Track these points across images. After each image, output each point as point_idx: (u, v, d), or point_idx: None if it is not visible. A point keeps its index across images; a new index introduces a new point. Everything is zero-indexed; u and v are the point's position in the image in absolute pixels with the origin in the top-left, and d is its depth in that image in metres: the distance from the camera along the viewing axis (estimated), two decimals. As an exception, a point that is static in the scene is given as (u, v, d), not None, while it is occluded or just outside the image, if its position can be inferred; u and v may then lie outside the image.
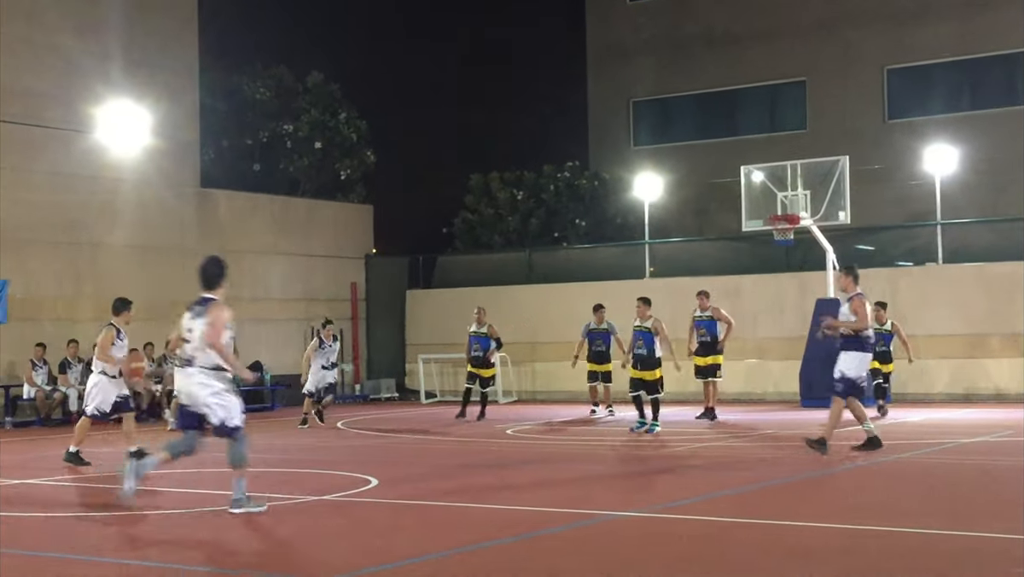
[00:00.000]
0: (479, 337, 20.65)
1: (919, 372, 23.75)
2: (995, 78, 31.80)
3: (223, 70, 30.40)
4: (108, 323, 14.48)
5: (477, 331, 20.74)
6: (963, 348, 23.45)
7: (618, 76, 36.22)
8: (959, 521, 9.13)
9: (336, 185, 31.63)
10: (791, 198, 22.45)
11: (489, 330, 20.71)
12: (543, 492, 11.34)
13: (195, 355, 9.93)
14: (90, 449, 15.35)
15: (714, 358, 19.80)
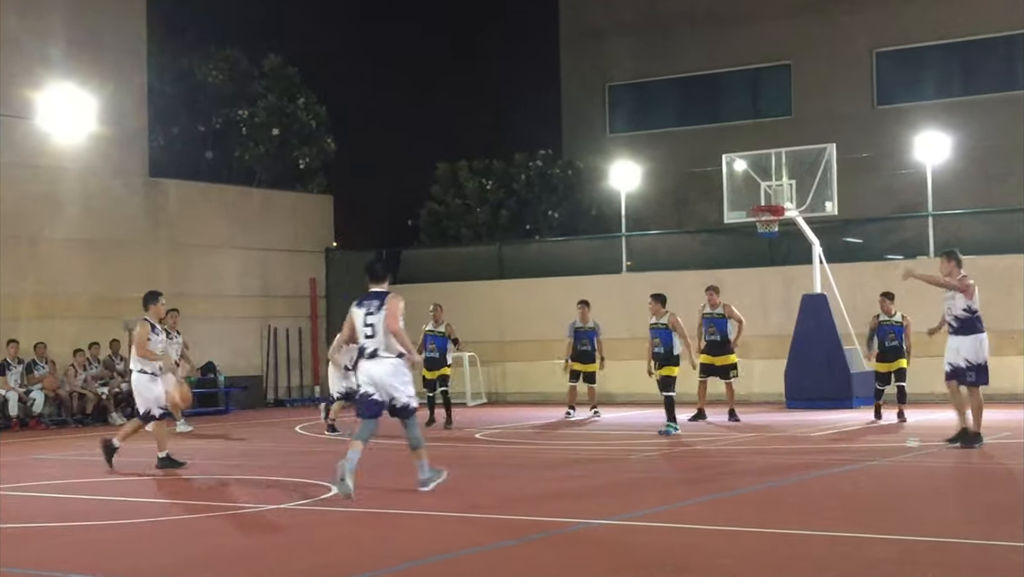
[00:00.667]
0: (435, 336, 20.22)
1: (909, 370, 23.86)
2: (989, 62, 32.00)
3: (173, 52, 30.23)
4: (141, 318, 14.58)
5: (434, 330, 20.27)
6: (956, 346, 23.54)
7: (593, 59, 36.25)
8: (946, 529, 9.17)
9: (294, 174, 31.52)
10: (775, 188, 22.51)
11: (447, 329, 20.38)
12: (513, 499, 11.32)
13: (379, 345, 11.47)
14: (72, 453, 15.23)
15: (727, 358, 19.93)
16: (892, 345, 18.75)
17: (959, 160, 27.98)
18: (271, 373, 28.15)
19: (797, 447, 15.83)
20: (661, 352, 17.64)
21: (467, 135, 39.26)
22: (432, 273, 29.21)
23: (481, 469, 14.10)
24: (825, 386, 22.24)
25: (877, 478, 12.53)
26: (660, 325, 17.73)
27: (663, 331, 17.67)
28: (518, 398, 26.84)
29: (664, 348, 17.60)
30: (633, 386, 26.14)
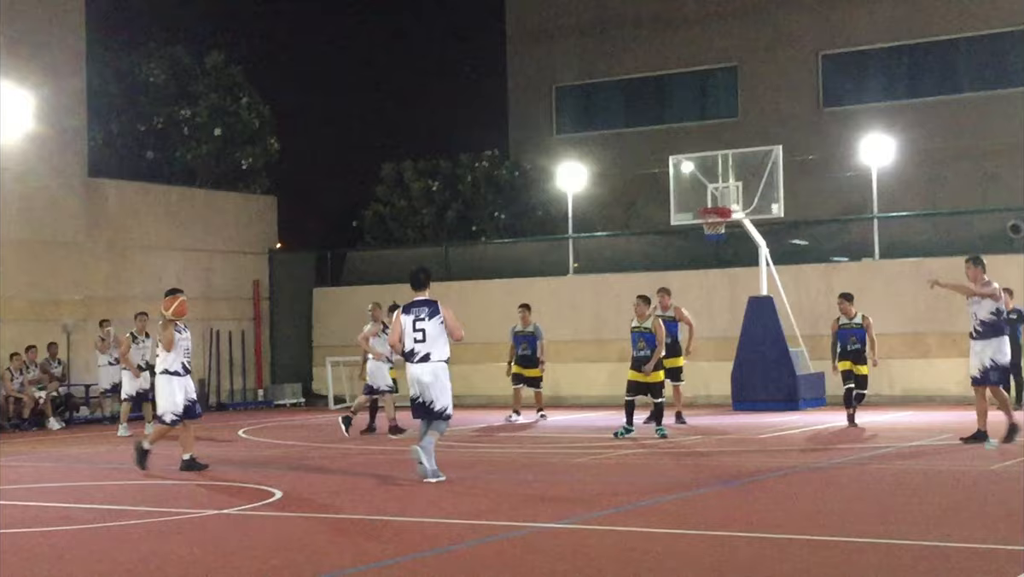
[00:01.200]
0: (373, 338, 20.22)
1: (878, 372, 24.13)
2: (934, 65, 32.42)
3: (113, 49, 29.96)
4: (166, 319, 14.56)
5: None
6: (900, 347, 23.87)
7: (540, 60, 36.33)
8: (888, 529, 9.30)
9: (237, 175, 31.34)
10: (722, 190, 22.67)
11: None
12: (461, 503, 11.34)
13: (431, 350, 12.66)
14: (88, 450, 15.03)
15: (676, 360, 19.70)
16: (855, 348, 18.23)
17: (904, 163, 28.33)
18: (213, 376, 27.97)
19: (744, 450, 15.97)
20: (648, 355, 17.23)
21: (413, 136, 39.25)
22: (378, 274, 29.15)
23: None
24: (772, 388, 22.44)
25: (821, 480, 12.67)
26: (644, 328, 17.36)
27: (648, 334, 17.31)
28: (463, 401, 26.80)
29: (650, 350, 17.23)
30: (581, 388, 26.26)
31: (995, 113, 30.69)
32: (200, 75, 31.16)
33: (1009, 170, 29.88)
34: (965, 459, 13.95)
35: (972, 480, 12.28)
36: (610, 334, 25.59)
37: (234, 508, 11.10)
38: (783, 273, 23.56)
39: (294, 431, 20.89)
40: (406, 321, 12.82)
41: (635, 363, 17.35)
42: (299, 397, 28.79)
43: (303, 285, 30.18)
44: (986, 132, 30.50)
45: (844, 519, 9.88)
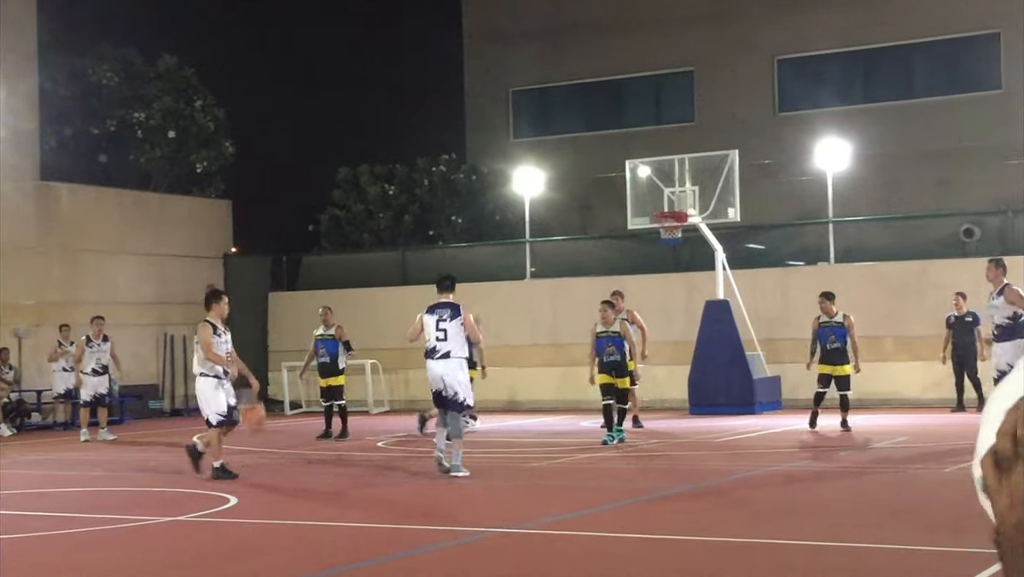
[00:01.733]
0: (326, 340, 19.88)
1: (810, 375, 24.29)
2: (889, 70, 32.71)
3: (66, 52, 29.70)
4: (203, 320, 14.22)
5: (324, 334, 19.96)
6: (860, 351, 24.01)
7: (496, 64, 36.36)
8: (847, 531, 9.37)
9: (192, 178, 31.15)
10: (679, 194, 22.76)
11: (337, 332, 20.03)
12: (420, 508, 11.33)
13: (451, 348, 13.70)
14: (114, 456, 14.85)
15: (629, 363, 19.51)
16: (834, 348, 18.04)
17: (859, 167, 28.54)
18: (168, 382, 27.78)
19: (701, 453, 16.04)
20: (618, 360, 17.07)
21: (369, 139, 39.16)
22: (334, 279, 29.06)
23: (384, 478, 14.07)
24: (728, 392, 22.55)
25: (779, 484, 12.76)
26: (613, 333, 17.20)
27: (617, 339, 17.16)
28: (422, 406, 26.76)
29: (620, 355, 17.11)
30: (537, 393, 26.28)
31: (949, 118, 31.01)
32: (153, 78, 30.96)
33: (963, 174, 30.20)
34: (922, 462, 14.08)
35: (928, 482, 12.40)
36: (567, 338, 25.63)
37: (188, 515, 11.04)
38: (739, 277, 23.69)
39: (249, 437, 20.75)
40: (429, 320, 13.93)
41: (605, 367, 17.15)
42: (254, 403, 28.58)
43: (258, 289, 30.04)
44: (940, 136, 30.82)
45: (803, 522, 9.95)
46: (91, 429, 20.51)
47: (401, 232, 32.95)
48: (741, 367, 22.66)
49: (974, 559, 7.68)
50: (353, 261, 30.74)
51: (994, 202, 27.38)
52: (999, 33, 30.77)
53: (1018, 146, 29.63)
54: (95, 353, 20.34)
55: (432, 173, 33.39)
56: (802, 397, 23.89)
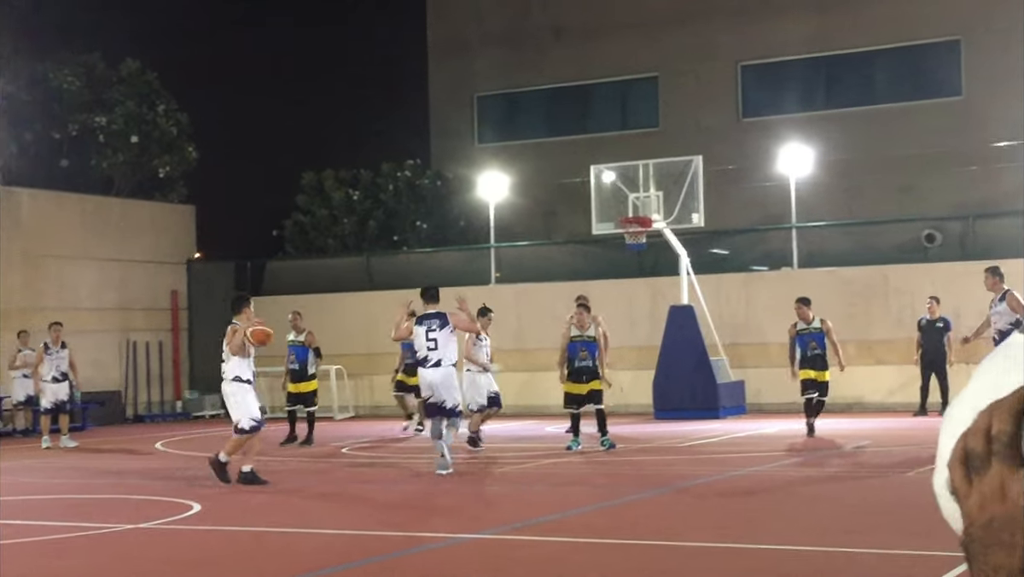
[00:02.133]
0: (295, 347, 19.75)
1: (774, 380, 24.41)
2: (851, 76, 32.91)
3: (27, 56, 29.47)
4: (230, 322, 14.12)
5: (294, 340, 19.87)
6: (819, 356, 24.14)
7: (461, 69, 36.36)
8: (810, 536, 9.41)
9: (154, 183, 30.96)
10: (643, 199, 22.82)
11: (307, 338, 19.89)
12: (383, 514, 11.30)
13: (442, 357, 14.14)
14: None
15: None
16: (816, 354, 17.81)
17: (821, 173, 28.72)
18: (130, 388, 27.61)
19: (666, 458, 16.07)
20: (589, 365, 16.68)
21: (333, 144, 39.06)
22: (298, 285, 28.96)
23: (348, 484, 14.02)
24: (693, 397, 22.62)
25: (742, 488, 12.79)
26: (588, 337, 16.81)
27: (591, 344, 16.79)
28: (388, 412, 26.73)
29: (592, 360, 16.72)
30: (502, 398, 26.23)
31: (910, 124, 31.23)
32: (116, 82, 30.77)
33: (924, 180, 30.42)
34: (887, 466, 14.16)
35: (890, 487, 12.47)
36: (532, 343, 25.64)
37: (151, 522, 10.96)
38: (704, 282, 23.77)
39: (213, 443, 20.66)
40: (419, 331, 14.31)
41: (575, 374, 16.73)
42: (218, 408, 28.45)
43: (222, 295, 29.84)
44: (902, 143, 31.03)
45: (766, 526, 9.98)
46: (53, 436, 20.35)
47: (366, 237, 32.87)
48: (705, 372, 22.74)
49: (941, 562, 7.73)
50: (318, 266, 30.65)
51: (955, 208, 27.61)
52: (959, 40, 31.03)
53: (978, 152, 29.90)
54: (54, 360, 20.18)
55: (397, 178, 33.34)
56: (766, 401, 24.03)
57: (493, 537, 9.72)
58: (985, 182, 29.17)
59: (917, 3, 31.14)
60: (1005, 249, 21.59)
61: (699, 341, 22.92)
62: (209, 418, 27.85)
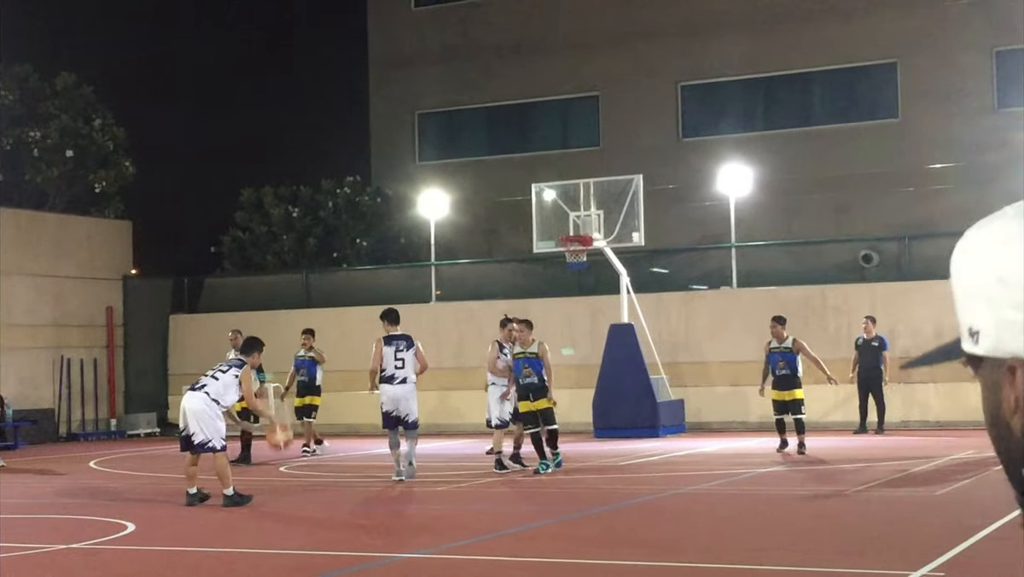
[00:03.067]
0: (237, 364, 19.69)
1: (713, 399, 24.57)
2: (788, 97, 33.27)
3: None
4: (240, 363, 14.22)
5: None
6: (757, 374, 24.29)
7: (402, 86, 36.35)
8: (751, 555, 9.47)
9: (90, 199, 30.64)
10: (584, 218, 22.91)
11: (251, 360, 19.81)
12: (319, 534, 11.24)
13: (407, 375, 15.77)
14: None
15: None
16: (783, 374, 18.08)
17: (760, 193, 28.99)
18: (64, 406, 27.27)
19: (605, 477, 16.11)
20: (535, 381, 16.33)
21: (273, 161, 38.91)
22: (237, 302, 28.78)
23: (284, 504, 13.93)
24: (633, 415, 22.69)
25: (682, 506, 12.86)
26: (531, 354, 16.44)
27: (535, 360, 16.46)
28: (324, 430, 26.56)
29: (538, 377, 16.37)
30: (441, 416, 26.22)
31: (848, 145, 31.61)
32: (50, 95, 30.45)
33: (861, 201, 30.79)
34: (824, 484, 14.29)
35: (830, 505, 12.58)
36: (472, 361, 25.62)
37: (84, 542, 10.82)
38: (644, 301, 23.90)
39: (148, 462, 20.48)
40: (388, 351, 15.84)
41: (523, 391, 16.46)
42: (154, 427, 28.22)
43: (159, 312, 29.64)
44: (839, 163, 31.39)
45: (706, 545, 10.03)
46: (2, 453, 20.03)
47: (305, 254, 32.73)
48: (645, 390, 22.83)
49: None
50: (256, 283, 30.47)
51: (892, 228, 27.98)
52: (896, 63, 31.47)
53: (915, 174, 30.31)
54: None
55: (337, 195, 33.24)
56: (705, 420, 24.19)
57: (424, 556, 9.70)
58: (921, 203, 29.58)
59: (854, 26, 31.56)
60: (941, 270, 21.90)
61: (639, 359, 23.02)
62: (144, 436, 27.57)
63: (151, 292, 29.95)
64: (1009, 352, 1.28)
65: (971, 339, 1.32)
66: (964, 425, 21.19)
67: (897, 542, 9.92)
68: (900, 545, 9.75)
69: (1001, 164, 27.57)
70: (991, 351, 1.30)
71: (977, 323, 1.31)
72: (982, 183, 27.13)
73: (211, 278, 31.70)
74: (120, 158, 31.11)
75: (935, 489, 13.31)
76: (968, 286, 1.32)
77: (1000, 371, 1.29)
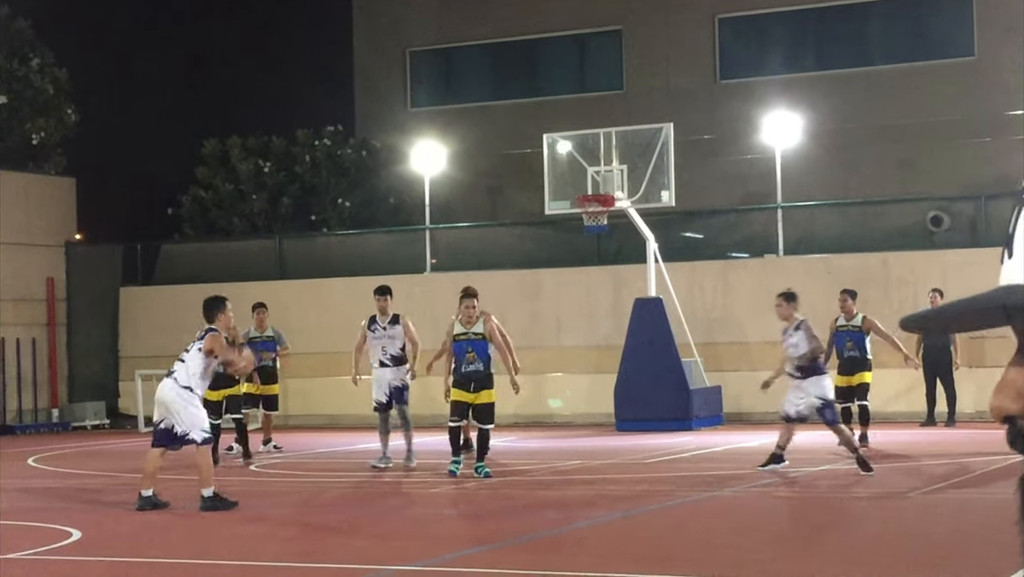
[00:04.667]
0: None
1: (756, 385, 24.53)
2: (845, 32, 33.15)
3: None
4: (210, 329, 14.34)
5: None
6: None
7: (391, 20, 36.27)
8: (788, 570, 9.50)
9: (27, 151, 30.70)
10: (604, 174, 22.88)
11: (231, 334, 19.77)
12: (290, 543, 11.29)
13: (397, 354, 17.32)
14: None
15: None
16: (851, 356, 18.32)
17: (811, 144, 28.92)
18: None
19: (625, 477, 16.14)
20: (479, 369, 15.72)
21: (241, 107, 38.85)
22: (198, 272, 28.77)
23: (249, 507, 13.96)
24: (661, 405, 22.69)
25: (714, 511, 12.88)
26: (475, 335, 15.91)
27: (479, 342, 15.87)
28: (301, 421, 26.67)
29: (483, 363, 15.76)
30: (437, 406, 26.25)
31: (914, 88, 31.51)
32: (-19, 31, 30.47)
33: (929, 154, 30.72)
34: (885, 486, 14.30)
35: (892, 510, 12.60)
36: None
37: (23, 552, 10.87)
38: (674, 271, 23.88)
39: (96, 459, 20.55)
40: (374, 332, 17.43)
41: (463, 380, 15.73)
42: (102, 418, 28.31)
43: (108, 284, 29.68)
44: (904, 110, 31.29)
45: (738, 553, 10.05)
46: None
47: (278, 217, 32.75)
48: (676, 376, 22.83)
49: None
50: (221, 251, 30.49)
51: (965, 186, 27.90)
52: (972, -9, 31.32)
53: (992, 122, 30.19)
54: None
55: (315, 148, 33.23)
56: (746, 411, 24.19)
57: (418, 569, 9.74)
58: (999, 157, 29.47)
59: (922, -52, 31.42)
60: (1022, 234, 21.82)
61: (669, 340, 23.02)
62: (91, 429, 27.66)
63: (98, 261, 29.98)
64: None
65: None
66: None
67: (968, 552, 9.94)
68: (972, 555, 9.77)
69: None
70: None
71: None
72: (1071, 133, 27.06)
73: (168, 244, 31.72)
74: (62, 104, 31.13)
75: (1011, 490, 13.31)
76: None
77: None
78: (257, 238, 31.17)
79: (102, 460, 20.29)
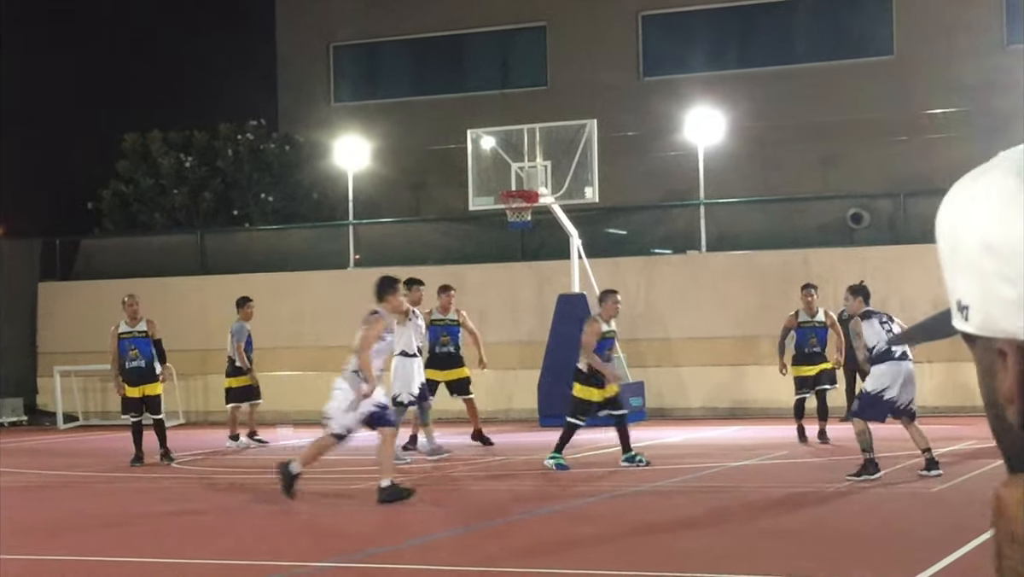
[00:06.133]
0: (136, 339, 19.31)
1: (679, 382, 24.72)
2: (768, 30, 33.38)
3: None
4: (373, 312, 13.48)
5: (131, 331, 19.39)
6: (729, 353, 24.53)
7: (315, 14, 36.12)
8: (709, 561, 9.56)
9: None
10: (528, 170, 22.91)
11: (149, 328, 19.49)
12: (222, 540, 11.22)
13: None
14: None
15: (460, 371, 18.79)
16: (814, 352, 18.26)
17: (734, 141, 29.09)
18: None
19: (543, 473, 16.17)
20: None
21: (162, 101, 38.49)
22: (119, 267, 28.56)
23: (177, 504, 13.87)
24: (584, 401, 22.72)
25: (639, 506, 12.94)
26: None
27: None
28: (223, 417, 26.47)
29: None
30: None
31: (836, 87, 31.77)
32: None
33: (851, 152, 30.98)
34: (802, 481, 14.43)
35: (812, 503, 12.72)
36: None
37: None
38: (598, 267, 23.95)
39: (12, 457, 20.30)
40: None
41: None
42: (20, 415, 28.00)
43: (25, 279, 29.36)
44: (826, 108, 31.55)
45: (668, 551, 10.11)
46: None
47: (200, 212, 32.54)
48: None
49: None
50: (142, 245, 30.28)
51: (885, 184, 28.20)
52: (892, -10, 31.67)
53: (912, 121, 30.52)
54: None
55: (237, 142, 33.06)
56: (668, 406, 24.33)
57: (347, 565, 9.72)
58: (920, 155, 29.80)
59: (844, -53, 31.71)
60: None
61: (592, 336, 23.05)
62: (8, 426, 27.34)
63: (15, 255, 29.66)
64: (1000, 331, 1.27)
65: (960, 314, 1.31)
66: (964, 411, 21.45)
67: (891, 546, 10.05)
68: (894, 549, 9.88)
69: (1011, 110, 27.85)
70: (981, 329, 1.29)
71: (965, 296, 1.30)
72: (989, 131, 27.37)
73: (88, 239, 31.44)
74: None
75: (932, 485, 13.50)
76: (953, 253, 1.31)
77: (993, 352, 1.28)
78: (179, 233, 30.97)
79: (19, 458, 20.05)
